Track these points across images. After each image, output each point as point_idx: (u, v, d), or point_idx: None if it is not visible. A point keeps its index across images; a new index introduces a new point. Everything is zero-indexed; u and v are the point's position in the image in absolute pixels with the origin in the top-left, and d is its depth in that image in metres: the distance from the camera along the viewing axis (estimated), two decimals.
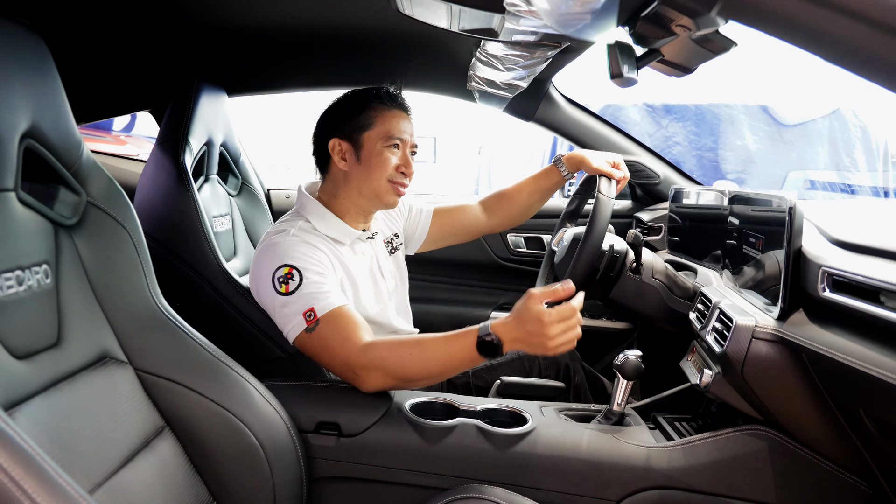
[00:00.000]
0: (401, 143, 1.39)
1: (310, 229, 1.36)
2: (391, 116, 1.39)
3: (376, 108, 1.39)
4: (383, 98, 1.41)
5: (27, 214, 0.89)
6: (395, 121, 1.39)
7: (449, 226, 1.71)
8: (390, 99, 1.41)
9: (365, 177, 1.39)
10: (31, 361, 0.84)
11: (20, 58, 0.87)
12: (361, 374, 1.18)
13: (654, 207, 2.15)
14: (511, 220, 1.76)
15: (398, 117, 1.40)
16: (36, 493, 0.53)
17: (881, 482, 1.07)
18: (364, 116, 1.39)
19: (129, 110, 2.13)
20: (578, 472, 1.15)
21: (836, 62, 0.56)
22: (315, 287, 1.22)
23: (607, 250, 1.48)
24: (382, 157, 1.37)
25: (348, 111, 1.41)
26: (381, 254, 1.50)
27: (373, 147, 1.38)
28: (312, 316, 1.19)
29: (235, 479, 1.05)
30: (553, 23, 0.99)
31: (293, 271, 1.24)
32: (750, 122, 5.25)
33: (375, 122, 1.38)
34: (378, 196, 1.40)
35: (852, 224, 1.26)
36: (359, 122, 1.39)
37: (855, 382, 0.94)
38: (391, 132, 1.38)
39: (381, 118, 1.38)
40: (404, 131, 1.40)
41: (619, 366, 1.25)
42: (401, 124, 1.40)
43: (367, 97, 1.41)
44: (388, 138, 1.37)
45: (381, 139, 1.38)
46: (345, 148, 1.39)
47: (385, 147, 1.38)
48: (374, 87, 1.43)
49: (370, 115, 1.38)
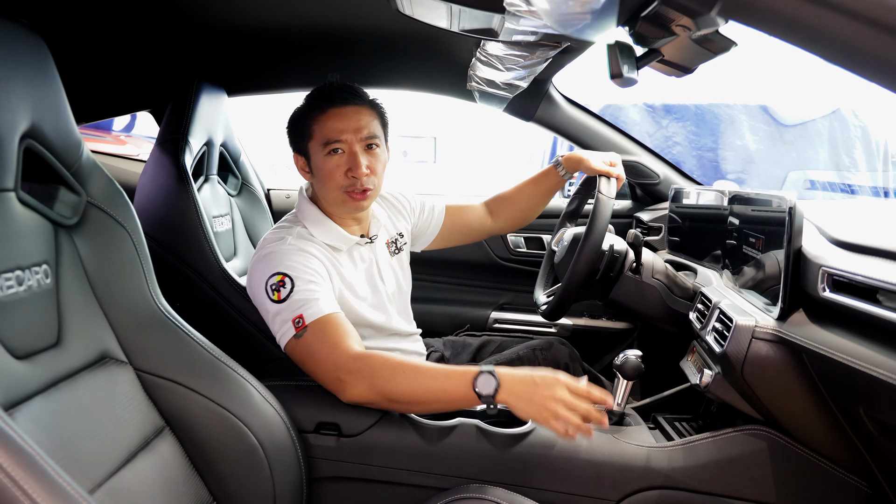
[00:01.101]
0: (342, 145, 1.30)
1: (307, 236, 1.35)
2: (326, 119, 1.31)
3: (312, 115, 1.32)
4: (316, 100, 1.33)
5: (27, 214, 0.89)
6: (330, 122, 1.30)
7: (458, 224, 1.70)
8: (324, 98, 1.32)
9: (321, 188, 1.36)
10: (31, 361, 0.84)
11: (20, 58, 0.87)
12: (347, 381, 1.15)
13: (654, 207, 2.15)
14: (514, 222, 1.76)
15: (335, 117, 1.30)
16: (36, 493, 0.53)
17: (881, 482, 1.07)
18: (304, 126, 1.33)
19: (129, 110, 2.13)
20: (578, 472, 1.15)
21: (836, 62, 0.56)
22: (305, 295, 1.21)
23: (607, 250, 1.48)
24: (325, 168, 1.31)
25: (292, 123, 1.37)
26: (381, 257, 1.49)
27: (317, 157, 1.32)
28: (301, 323, 1.18)
29: (235, 479, 1.05)
30: (553, 23, 0.99)
31: (286, 279, 1.23)
32: (750, 122, 5.25)
33: (313, 130, 1.32)
34: (338, 205, 1.36)
35: (852, 224, 1.26)
36: (301, 133, 1.34)
37: (855, 382, 0.94)
38: (327, 137, 1.30)
39: (317, 124, 1.31)
40: (343, 130, 1.30)
41: (619, 366, 1.25)
42: (338, 124, 1.30)
43: (305, 104, 1.35)
44: (326, 144, 1.30)
45: (320, 147, 1.31)
46: (301, 162, 1.37)
47: (326, 155, 1.31)
48: (313, 89, 1.36)
49: (308, 123, 1.32)
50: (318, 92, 1.35)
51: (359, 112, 1.32)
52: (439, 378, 1.11)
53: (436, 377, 1.12)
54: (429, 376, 1.12)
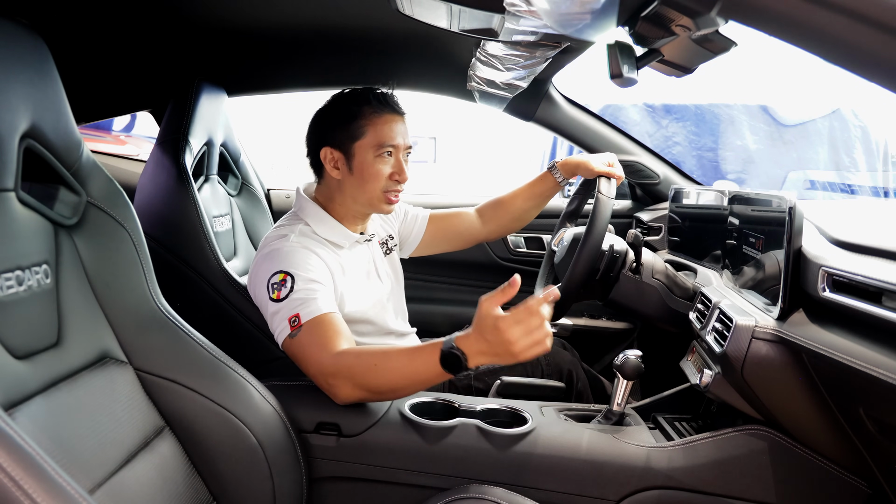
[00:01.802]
0: (393, 150, 1.36)
1: (309, 233, 1.36)
2: (382, 123, 1.34)
3: (366, 116, 1.34)
4: (373, 103, 1.35)
5: (27, 214, 0.89)
6: (387, 127, 1.34)
7: (443, 231, 1.71)
8: (380, 103, 1.36)
9: (358, 187, 1.37)
10: (31, 361, 0.84)
11: (20, 58, 0.87)
12: (333, 384, 1.15)
13: (654, 207, 2.15)
14: (506, 227, 1.76)
15: (389, 122, 1.35)
16: (36, 493, 0.53)
17: (881, 482, 1.07)
18: (354, 126, 1.34)
19: (129, 110, 2.13)
20: (578, 472, 1.15)
21: (836, 62, 0.56)
22: (304, 294, 1.21)
23: (607, 250, 1.48)
24: (374, 168, 1.34)
25: (338, 119, 1.37)
26: (377, 255, 1.50)
27: (364, 157, 1.34)
28: (296, 322, 1.18)
29: (235, 479, 1.05)
30: (553, 23, 0.99)
31: (287, 277, 1.23)
32: (750, 122, 5.25)
33: (366, 131, 1.34)
34: (371, 205, 1.39)
35: (852, 224, 1.26)
36: (349, 132, 1.35)
37: (855, 382, 0.94)
38: (382, 140, 1.34)
39: (372, 126, 1.34)
40: (396, 136, 1.35)
41: (619, 366, 1.25)
42: (392, 130, 1.35)
43: (357, 103, 1.36)
44: (380, 147, 1.34)
45: (372, 149, 1.34)
46: (337, 157, 1.37)
47: (377, 157, 1.34)
48: (363, 91, 1.38)
49: (360, 123, 1.34)
50: (375, 96, 1.37)
51: (405, 123, 1.39)
52: (408, 359, 1.10)
53: (407, 364, 1.09)
54: (400, 364, 1.10)
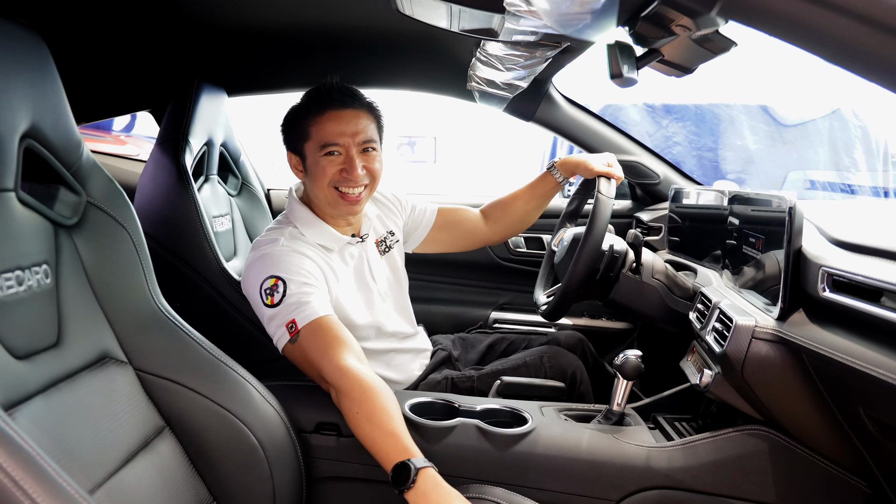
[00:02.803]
0: (339, 148, 1.31)
1: (298, 236, 1.35)
2: (324, 121, 1.31)
3: (310, 117, 1.32)
4: (315, 101, 1.32)
5: (27, 214, 0.89)
6: (328, 125, 1.30)
7: (451, 225, 1.69)
8: (323, 100, 1.32)
9: (314, 188, 1.36)
10: (31, 361, 0.84)
11: (20, 58, 0.87)
12: (332, 392, 1.15)
13: (654, 207, 2.15)
14: (509, 229, 1.75)
15: (333, 120, 1.31)
16: (36, 493, 0.53)
17: (881, 482, 1.07)
18: (300, 127, 1.33)
19: (129, 110, 2.13)
20: (578, 472, 1.15)
21: (836, 62, 0.56)
22: (297, 298, 1.21)
23: (607, 250, 1.48)
24: (320, 167, 1.32)
25: (288, 123, 1.37)
26: (371, 256, 1.49)
27: (313, 158, 1.33)
28: (294, 328, 1.18)
29: (235, 479, 1.05)
30: (553, 23, 0.99)
31: (278, 282, 1.23)
32: (750, 122, 5.25)
33: (311, 131, 1.32)
34: (331, 205, 1.36)
35: (852, 224, 1.25)
36: (298, 134, 1.34)
37: (855, 382, 0.94)
38: (324, 139, 1.30)
39: (315, 126, 1.31)
40: (341, 134, 1.30)
41: (619, 366, 1.25)
42: (336, 127, 1.30)
43: (303, 104, 1.34)
44: (323, 147, 1.31)
45: (317, 149, 1.31)
46: (295, 160, 1.37)
47: (322, 157, 1.31)
48: (311, 90, 1.35)
49: (304, 124, 1.32)
50: (316, 93, 1.34)
51: (357, 116, 1.33)
52: (375, 443, 1.05)
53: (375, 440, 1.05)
54: (372, 435, 1.06)
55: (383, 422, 1.06)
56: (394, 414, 1.07)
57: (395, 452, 1.01)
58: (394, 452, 1.02)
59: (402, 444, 1.03)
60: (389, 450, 1.03)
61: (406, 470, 0.98)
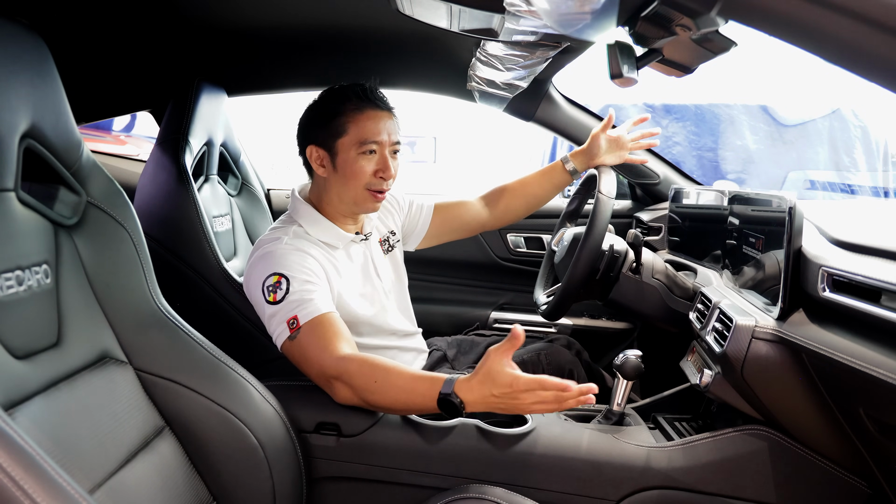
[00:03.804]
0: (377, 147, 1.33)
1: (303, 234, 1.35)
2: (364, 119, 1.32)
3: (348, 113, 1.33)
4: (353, 99, 1.33)
5: (27, 214, 0.89)
6: (369, 124, 1.32)
7: (450, 221, 1.69)
8: (362, 99, 1.34)
9: (342, 185, 1.36)
10: (31, 361, 0.84)
11: (20, 58, 0.87)
12: (334, 385, 1.16)
13: (654, 207, 2.15)
14: (512, 214, 1.74)
15: (372, 119, 1.33)
16: (36, 493, 0.53)
17: (881, 482, 1.07)
18: (337, 123, 1.33)
19: (129, 110, 2.13)
20: (578, 472, 1.15)
21: (836, 62, 0.56)
22: (300, 295, 1.21)
23: (607, 250, 1.48)
24: (356, 165, 1.33)
25: (321, 117, 1.36)
26: (376, 254, 1.50)
27: (347, 155, 1.33)
28: (295, 324, 1.18)
29: (235, 479, 1.05)
30: (553, 23, 0.99)
31: (281, 280, 1.23)
32: (750, 122, 5.25)
33: (348, 128, 1.32)
34: (357, 203, 1.38)
35: (852, 224, 1.26)
36: (332, 129, 1.33)
37: (855, 382, 0.94)
38: (364, 137, 1.32)
39: (354, 123, 1.32)
40: (380, 133, 1.33)
41: (619, 366, 1.25)
42: (376, 126, 1.33)
43: (339, 100, 1.35)
44: (362, 144, 1.32)
45: (354, 146, 1.32)
46: (321, 155, 1.36)
47: (360, 154, 1.32)
48: (346, 87, 1.36)
49: (342, 120, 1.33)
50: (354, 92, 1.35)
51: (391, 118, 1.37)
52: (409, 383, 1.09)
53: (405, 391, 1.09)
54: (399, 390, 1.10)
55: (400, 378, 1.10)
56: (402, 370, 1.12)
57: (429, 395, 1.06)
58: (427, 396, 1.06)
59: (428, 385, 1.07)
60: (421, 398, 1.07)
61: (448, 403, 1.04)
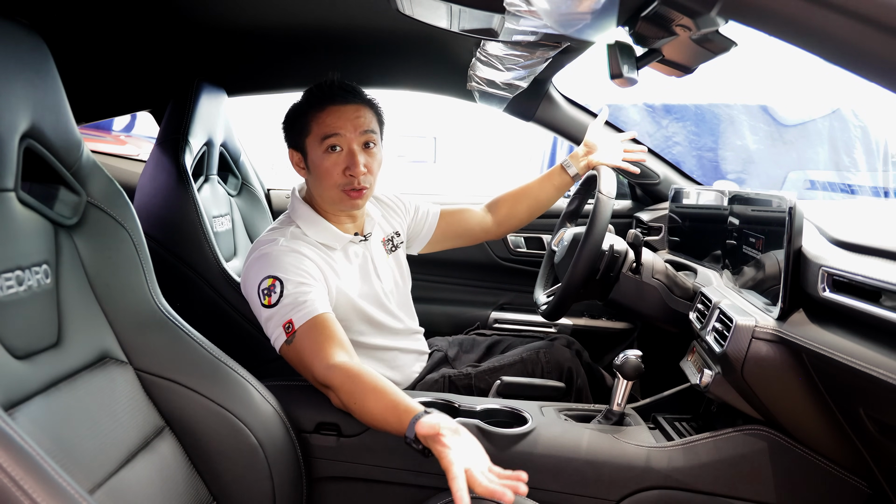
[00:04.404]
0: (340, 140, 1.30)
1: (300, 235, 1.35)
2: (325, 115, 1.30)
3: (311, 112, 1.31)
4: (314, 98, 1.32)
5: (27, 214, 0.89)
6: (329, 119, 1.30)
7: (454, 227, 1.70)
8: (320, 96, 1.31)
9: (319, 186, 1.36)
10: (31, 361, 0.84)
11: (20, 58, 0.87)
12: (326, 392, 1.17)
13: (654, 207, 2.15)
14: (515, 220, 1.75)
15: (333, 114, 1.30)
16: (36, 493, 0.53)
17: (881, 482, 1.07)
18: (302, 122, 1.32)
19: (129, 110, 2.13)
20: (578, 472, 1.15)
21: (836, 62, 0.56)
22: (294, 297, 1.20)
23: (607, 250, 1.48)
24: (323, 166, 1.31)
25: (291, 119, 1.36)
26: (376, 254, 1.49)
27: (315, 154, 1.32)
28: (291, 328, 1.18)
29: (235, 479, 1.05)
30: (553, 23, 0.99)
31: (276, 282, 1.22)
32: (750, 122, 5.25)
33: (311, 126, 1.31)
34: (335, 204, 1.36)
35: (852, 224, 1.25)
36: (298, 129, 1.33)
37: (855, 382, 0.94)
38: (324, 132, 1.29)
39: (315, 120, 1.31)
40: (341, 126, 1.29)
41: (619, 366, 1.25)
42: (336, 120, 1.29)
43: (304, 100, 1.34)
44: (324, 139, 1.30)
45: (318, 143, 1.31)
46: (297, 157, 1.36)
47: (324, 153, 1.30)
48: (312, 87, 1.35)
49: (306, 119, 1.32)
50: (317, 88, 1.34)
51: (357, 110, 1.32)
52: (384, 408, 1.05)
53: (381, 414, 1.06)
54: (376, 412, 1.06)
55: (376, 404, 1.06)
56: (386, 388, 1.08)
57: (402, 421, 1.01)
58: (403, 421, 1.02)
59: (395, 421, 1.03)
60: (396, 422, 1.03)
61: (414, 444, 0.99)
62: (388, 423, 1.04)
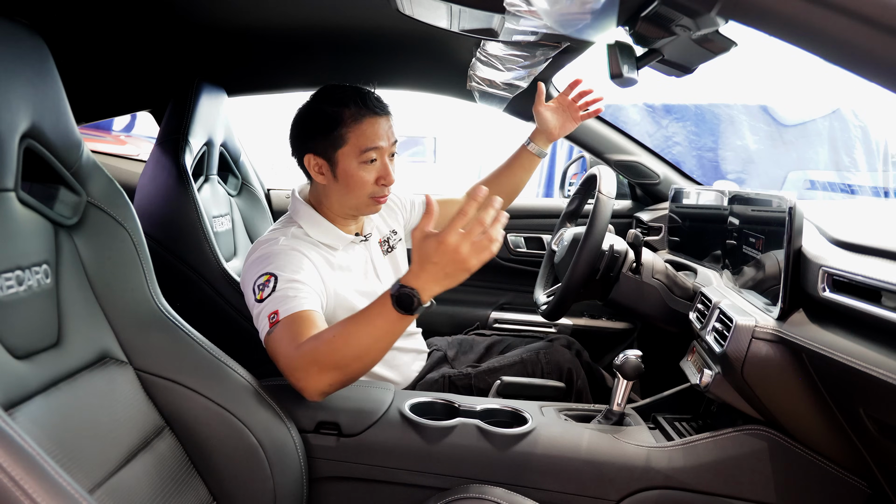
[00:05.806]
0: (377, 153, 1.32)
1: (302, 235, 1.35)
2: (365, 127, 1.30)
3: (347, 122, 1.30)
4: (351, 107, 1.31)
5: (27, 214, 0.89)
6: (369, 131, 1.30)
7: (444, 217, 1.70)
8: (359, 106, 1.31)
9: (344, 194, 1.35)
10: (31, 361, 0.84)
11: (20, 58, 0.87)
12: (301, 377, 1.08)
13: (654, 207, 2.15)
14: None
15: (372, 125, 1.31)
16: (36, 493, 0.53)
17: (881, 482, 1.07)
18: (336, 133, 1.30)
19: (129, 110, 2.13)
20: (578, 472, 1.15)
21: (836, 62, 0.56)
22: (284, 292, 1.19)
23: (607, 250, 1.48)
24: (359, 176, 1.32)
25: (318, 126, 1.33)
26: (375, 255, 1.50)
27: (348, 165, 1.31)
28: (275, 318, 1.15)
29: (235, 479, 1.05)
30: (553, 23, 0.99)
31: (271, 278, 1.22)
32: (750, 122, 5.26)
33: (348, 137, 1.30)
34: (359, 209, 1.38)
35: (852, 224, 1.26)
36: (331, 139, 1.31)
37: (855, 382, 0.94)
38: (365, 145, 1.30)
39: (353, 132, 1.30)
40: (380, 138, 1.31)
41: (619, 366, 1.25)
42: (376, 133, 1.31)
43: (336, 108, 1.32)
44: (363, 153, 1.30)
45: (355, 156, 1.30)
46: (320, 164, 1.34)
47: (360, 164, 1.31)
48: (341, 93, 1.33)
49: (342, 131, 1.30)
50: (355, 98, 1.32)
51: (388, 122, 1.35)
52: (366, 323, 1.06)
53: (362, 324, 1.06)
54: (356, 327, 1.06)
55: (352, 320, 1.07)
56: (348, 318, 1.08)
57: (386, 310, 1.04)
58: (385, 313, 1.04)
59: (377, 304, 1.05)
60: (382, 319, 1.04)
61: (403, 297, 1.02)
62: (371, 319, 1.05)
